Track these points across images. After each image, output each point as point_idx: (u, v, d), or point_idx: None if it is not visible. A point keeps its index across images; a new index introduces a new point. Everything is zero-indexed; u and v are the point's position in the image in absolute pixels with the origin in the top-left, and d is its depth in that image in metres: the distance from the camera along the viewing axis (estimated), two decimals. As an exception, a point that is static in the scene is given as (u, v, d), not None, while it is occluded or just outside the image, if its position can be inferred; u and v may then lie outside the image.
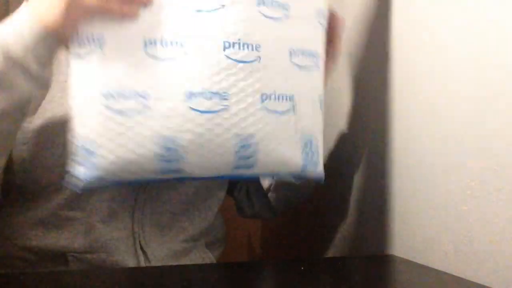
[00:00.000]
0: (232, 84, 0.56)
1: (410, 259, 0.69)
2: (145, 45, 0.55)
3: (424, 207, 0.68)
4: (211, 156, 0.57)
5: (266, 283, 0.61)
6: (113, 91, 0.55)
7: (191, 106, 0.55)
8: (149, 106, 0.54)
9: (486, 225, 0.57)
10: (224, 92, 0.56)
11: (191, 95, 0.55)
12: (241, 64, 0.56)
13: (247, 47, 0.57)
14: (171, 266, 0.70)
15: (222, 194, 0.84)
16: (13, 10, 0.58)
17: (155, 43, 0.55)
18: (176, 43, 0.56)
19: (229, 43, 0.56)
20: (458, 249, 0.61)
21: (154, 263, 0.72)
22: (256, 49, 0.57)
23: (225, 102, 0.56)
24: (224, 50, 0.56)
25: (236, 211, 0.95)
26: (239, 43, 0.56)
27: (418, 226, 0.70)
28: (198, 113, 0.55)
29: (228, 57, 0.56)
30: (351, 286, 0.59)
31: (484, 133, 0.58)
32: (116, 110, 0.55)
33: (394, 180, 0.76)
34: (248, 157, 0.58)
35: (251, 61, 0.57)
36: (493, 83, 0.57)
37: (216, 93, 0.55)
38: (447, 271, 0.62)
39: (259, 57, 0.57)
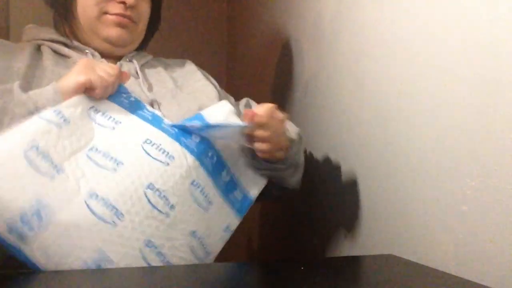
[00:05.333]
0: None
1: (410, 259, 0.69)
2: (88, 153, 0.71)
3: (424, 207, 0.68)
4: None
5: (265, 283, 0.61)
6: None
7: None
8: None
9: (486, 225, 0.57)
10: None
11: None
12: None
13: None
14: (170, 266, 0.70)
15: None
16: (13, 10, 0.59)
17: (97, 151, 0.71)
18: (113, 160, 0.71)
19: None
20: (458, 249, 0.61)
21: None
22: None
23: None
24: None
25: None
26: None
27: (418, 226, 0.70)
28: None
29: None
30: (351, 286, 0.59)
31: (484, 133, 0.58)
32: None
33: (394, 180, 0.76)
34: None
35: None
36: (493, 83, 0.57)
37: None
38: (447, 271, 0.62)
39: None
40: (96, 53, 0.88)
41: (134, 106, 0.79)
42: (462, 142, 0.61)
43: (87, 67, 0.74)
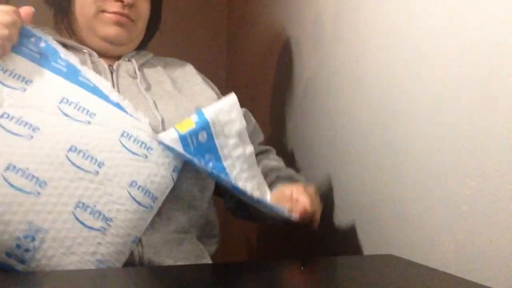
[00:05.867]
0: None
1: (410, 259, 0.69)
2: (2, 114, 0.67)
3: (424, 207, 0.68)
4: None
5: (265, 283, 0.61)
6: None
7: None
8: None
9: (486, 225, 0.57)
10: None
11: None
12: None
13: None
14: (170, 266, 0.70)
15: (212, 186, 0.87)
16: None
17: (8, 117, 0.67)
18: (29, 126, 0.68)
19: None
20: (458, 249, 0.61)
21: (146, 249, 0.73)
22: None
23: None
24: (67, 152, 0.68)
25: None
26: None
27: (418, 226, 0.70)
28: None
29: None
30: (351, 286, 0.59)
31: (484, 133, 0.58)
32: None
33: (394, 180, 0.76)
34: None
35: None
36: (493, 84, 0.57)
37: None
38: (447, 271, 0.62)
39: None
40: (94, 53, 0.88)
41: (45, 56, 0.73)
42: (462, 142, 0.61)
43: None
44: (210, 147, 0.78)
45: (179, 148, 0.74)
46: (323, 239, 1.00)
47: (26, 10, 0.72)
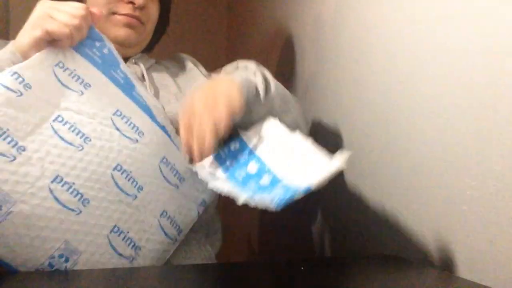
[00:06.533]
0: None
1: (410, 259, 0.69)
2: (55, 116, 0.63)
3: (424, 207, 0.68)
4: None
5: (266, 283, 0.61)
6: None
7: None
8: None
9: (486, 225, 0.57)
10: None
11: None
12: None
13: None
14: (170, 266, 0.70)
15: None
16: (13, 10, 0.59)
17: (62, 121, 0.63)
18: (81, 136, 0.64)
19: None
20: (458, 249, 0.61)
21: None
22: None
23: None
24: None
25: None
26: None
27: (418, 226, 0.70)
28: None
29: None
30: (351, 286, 0.59)
31: (484, 133, 0.58)
32: None
33: (395, 180, 0.76)
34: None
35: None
36: (493, 84, 0.57)
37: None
38: (447, 271, 0.62)
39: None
40: None
41: (107, 63, 0.70)
42: (462, 142, 0.61)
43: (43, 16, 0.64)
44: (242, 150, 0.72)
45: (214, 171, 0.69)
46: (324, 239, 1.00)
47: (97, 11, 0.70)
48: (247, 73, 0.83)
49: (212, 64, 1.09)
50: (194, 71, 0.98)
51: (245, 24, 1.67)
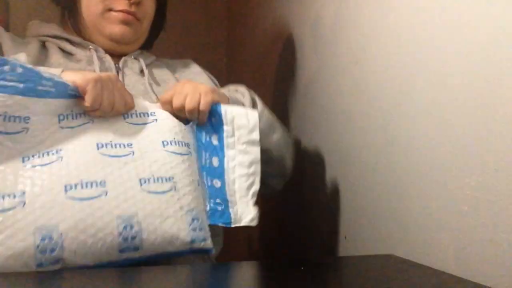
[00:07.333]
0: (108, 173, 0.66)
1: (410, 259, 0.69)
2: (23, 160, 0.65)
3: (424, 207, 0.68)
4: (93, 241, 0.62)
5: (266, 283, 0.61)
6: None
7: (70, 196, 0.63)
8: (26, 202, 0.61)
9: (486, 225, 0.57)
10: (101, 181, 0.65)
11: (69, 187, 0.64)
12: (114, 158, 0.68)
13: (119, 146, 0.70)
14: (170, 266, 0.70)
15: None
16: (13, 11, 0.59)
17: (32, 156, 0.65)
18: (53, 152, 0.67)
19: (102, 144, 0.69)
20: (458, 249, 0.61)
21: None
22: (128, 146, 0.71)
23: (103, 188, 0.65)
24: (97, 149, 0.68)
25: None
26: (111, 143, 0.70)
27: (418, 226, 0.70)
28: (76, 201, 0.63)
29: (102, 153, 0.68)
30: (351, 286, 0.59)
31: (484, 133, 0.58)
32: None
33: (394, 180, 0.76)
34: (133, 238, 0.64)
35: (125, 155, 0.69)
36: (493, 84, 0.57)
37: (93, 182, 0.65)
38: (447, 271, 0.62)
39: (132, 152, 0.70)
40: (100, 49, 0.88)
41: (27, 83, 0.64)
42: (462, 142, 0.61)
43: (107, 87, 0.70)
44: (218, 129, 0.79)
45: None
46: (324, 239, 1.00)
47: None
48: (236, 94, 0.89)
49: (213, 65, 1.09)
50: (201, 74, 0.97)
51: (245, 24, 1.67)
